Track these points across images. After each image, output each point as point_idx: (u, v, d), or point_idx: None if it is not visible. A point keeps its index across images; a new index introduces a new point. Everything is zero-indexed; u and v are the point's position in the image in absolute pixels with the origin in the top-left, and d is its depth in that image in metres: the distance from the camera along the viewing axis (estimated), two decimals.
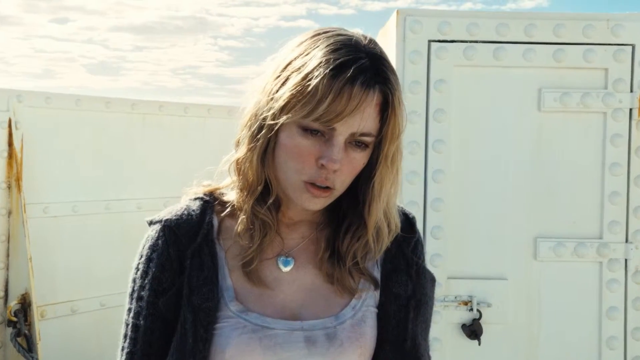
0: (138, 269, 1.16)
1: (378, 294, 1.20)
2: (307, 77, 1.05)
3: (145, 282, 1.14)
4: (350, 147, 1.09)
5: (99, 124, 3.82)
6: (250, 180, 1.14)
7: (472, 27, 2.46)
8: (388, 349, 1.18)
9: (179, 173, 3.85)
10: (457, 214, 2.51)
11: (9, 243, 3.46)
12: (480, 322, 2.48)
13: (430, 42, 2.47)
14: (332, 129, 1.06)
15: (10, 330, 3.33)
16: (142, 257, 1.17)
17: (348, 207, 1.19)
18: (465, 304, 2.50)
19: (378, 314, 1.19)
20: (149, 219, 1.20)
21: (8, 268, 3.45)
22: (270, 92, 1.09)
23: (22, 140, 3.47)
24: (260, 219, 1.15)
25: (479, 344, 2.48)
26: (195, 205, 1.19)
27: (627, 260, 2.50)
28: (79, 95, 3.80)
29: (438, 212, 2.49)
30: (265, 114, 1.09)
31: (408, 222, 1.26)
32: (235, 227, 1.16)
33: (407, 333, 1.18)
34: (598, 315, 2.50)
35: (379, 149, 1.12)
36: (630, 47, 2.47)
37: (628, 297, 2.50)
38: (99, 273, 3.79)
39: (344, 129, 1.06)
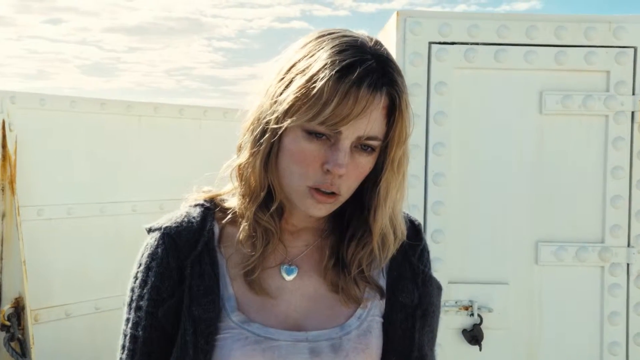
0: (137, 278, 1.12)
1: (383, 303, 1.17)
2: (312, 79, 1.01)
3: (144, 291, 1.10)
4: (356, 151, 1.05)
5: (94, 126, 3.79)
6: (253, 186, 1.10)
7: (472, 28, 2.44)
8: None
9: (175, 175, 3.85)
10: (457, 218, 2.48)
11: (2, 246, 3.41)
12: (481, 327, 2.46)
13: (431, 44, 2.45)
14: (337, 133, 1.02)
15: (4, 335, 3.29)
16: (140, 265, 1.13)
17: (353, 213, 1.15)
18: (466, 309, 2.47)
19: (384, 324, 1.16)
20: (148, 226, 1.16)
21: (1, 271, 3.40)
22: (274, 95, 1.06)
23: (15, 142, 3.43)
24: (263, 226, 1.11)
25: (480, 350, 2.45)
26: (196, 212, 1.16)
27: (629, 265, 2.48)
28: (74, 97, 3.76)
29: (438, 215, 2.47)
30: (269, 118, 1.06)
31: (414, 229, 1.23)
32: (237, 234, 1.13)
33: (413, 343, 1.15)
34: (600, 320, 2.48)
35: (385, 154, 1.08)
36: (632, 49, 2.45)
37: (630, 302, 2.47)
38: (94, 276, 3.76)
39: (350, 133, 1.03)
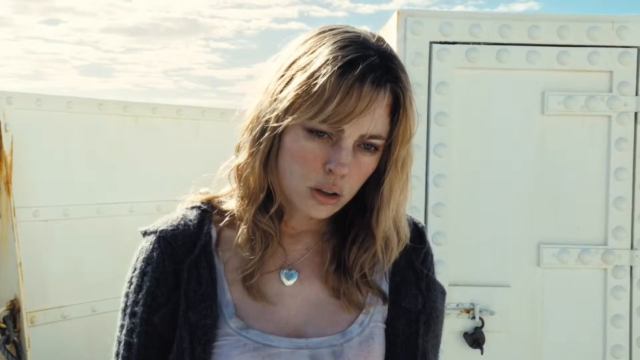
0: (131, 283, 1.09)
1: (386, 309, 1.14)
2: (313, 75, 0.98)
3: (139, 297, 1.07)
4: (359, 150, 1.02)
5: (91, 127, 3.77)
6: (252, 188, 1.06)
7: (474, 28, 2.41)
8: None
9: (172, 176, 3.84)
10: (458, 219, 2.45)
11: None
12: (483, 330, 2.43)
13: (432, 43, 2.42)
14: (340, 131, 0.99)
15: None
16: (135, 270, 1.10)
17: (355, 216, 1.12)
18: (468, 312, 2.45)
19: (386, 330, 1.13)
20: (143, 229, 1.12)
21: None
22: (274, 92, 1.02)
23: (11, 143, 3.41)
24: (262, 229, 1.08)
25: (482, 353, 2.42)
26: (192, 215, 1.12)
27: (632, 267, 2.45)
28: (70, 97, 3.74)
29: (439, 217, 2.44)
30: (268, 116, 1.02)
31: (417, 232, 1.20)
32: (235, 238, 1.09)
33: (417, 349, 1.12)
34: (603, 323, 2.45)
35: (389, 153, 1.05)
36: (636, 49, 2.42)
37: (633, 304, 2.45)
38: (90, 278, 3.73)
39: (353, 131, 0.99)
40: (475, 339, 2.43)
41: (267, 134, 1.03)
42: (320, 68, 0.98)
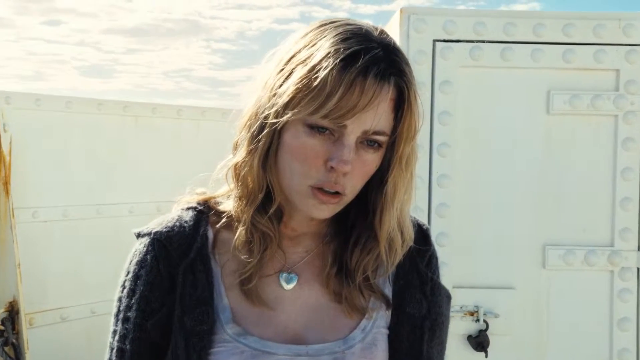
0: (124, 287, 1.05)
1: (389, 314, 1.09)
2: (314, 68, 0.94)
3: (132, 301, 1.03)
4: (362, 147, 0.98)
5: (90, 127, 3.76)
6: (250, 187, 1.02)
7: (478, 26, 2.37)
8: None
9: (173, 177, 3.80)
10: (462, 220, 2.41)
11: None
12: (487, 333, 2.39)
13: (435, 41, 2.38)
14: (342, 127, 0.95)
15: None
16: (128, 273, 1.06)
17: (357, 217, 1.08)
18: (472, 315, 2.41)
19: (389, 336, 1.08)
20: (137, 231, 1.08)
21: None
22: (273, 87, 0.98)
23: (10, 143, 3.40)
24: (261, 231, 1.04)
25: (486, 356, 2.38)
26: (188, 216, 1.08)
27: (639, 269, 2.41)
28: (70, 97, 3.73)
29: (443, 218, 2.40)
30: (267, 112, 0.98)
31: (422, 233, 1.16)
32: (233, 240, 1.05)
33: (421, 356, 1.08)
34: (609, 326, 2.42)
35: (392, 151, 1.01)
36: None
37: None
38: (90, 279, 3.71)
39: (356, 127, 0.95)
40: (480, 342, 2.39)
41: (266, 131, 0.99)
42: (322, 61, 0.94)
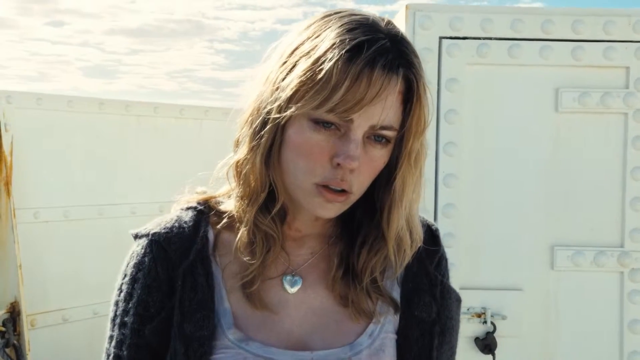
0: (121, 291, 1.01)
1: (398, 318, 1.05)
2: (318, 60, 0.89)
3: (130, 306, 0.99)
4: (369, 142, 0.94)
5: (92, 126, 3.74)
6: (252, 186, 0.98)
7: (485, 23, 2.33)
8: None
9: (175, 177, 3.71)
10: (469, 221, 2.37)
11: None
12: (495, 335, 2.35)
13: (442, 38, 2.34)
14: (348, 121, 0.91)
15: None
16: (125, 276, 1.02)
17: (363, 216, 1.03)
18: (479, 316, 2.37)
19: (398, 341, 1.04)
20: (134, 232, 1.04)
21: None
22: (275, 81, 0.94)
23: (11, 143, 3.38)
24: (263, 232, 0.99)
25: (494, 359, 2.34)
26: (188, 216, 1.04)
27: None
28: (71, 97, 3.71)
29: (449, 218, 2.36)
30: (270, 107, 0.94)
31: (431, 234, 1.11)
32: (235, 241, 1.01)
33: None
34: (619, 329, 2.37)
35: (400, 146, 0.97)
36: None
37: None
38: (92, 280, 3.68)
39: (363, 121, 0.91)
40: (487, 345, 2.36)
41: (268, 127, 0.94)
42: (326, 52, 0.89)
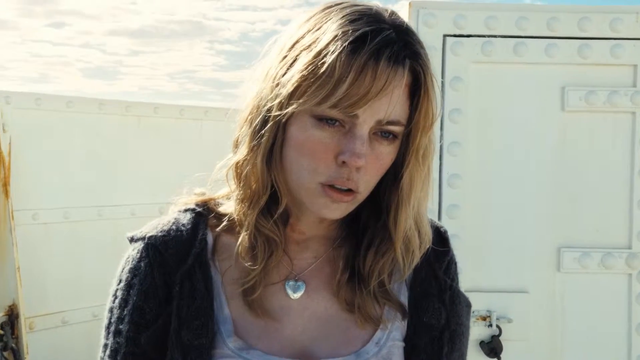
0: (116, 297, 0.97)
1: (405, 325, 1.01)
2: (320, 53, 0.85)
3: (125, 313, 0.94)
4: (376, 139, 0.90)
5: (92, 127, 3.73)
6: (254, 188, 0.94)
7: (490, 20, 2.30)
8: None
9: (175, 178, 3.68)
10: (474, 222, 2.34)
11: None
12: (500, 338, 2.32)
13: (446, 36, 2.31)
14: (353, 117, 0.87)
15: None
16: (120, 282, 0.97)
17: (369, 217, 0.99)
18: (484, 319, 2.34)
19: (405, 349, 1.00)
20: (130, 235, 1.00)
21: None
22: (275, 77, 0.90)
23: (10, 144, 3.37)
24: (265, 235, 0.95)
25: None
26: (186, 219, 1.00)
27: None
28: (71, 97, 3.69)
29: (454, 219, 2.32)
30: (270, 104, 0.89)
31: (440, 237, 1.07)
32: (236, 245, 0.96)
33: None
34: (627, 332, 2.34)
35: (408, 142, 0.93)
36: None
37: None
38: (91, 282, 3.66)
39: (368, 116, 0.87)
40: (492, 348, 2.33)
41: (269, 125, 0.90)
42: (329, 45, 0.85)
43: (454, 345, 1.02)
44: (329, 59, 0.84)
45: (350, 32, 0.85)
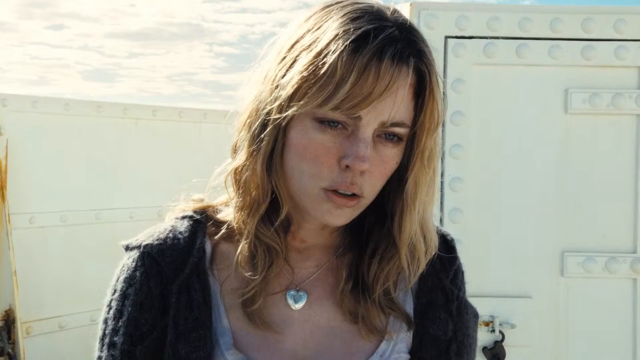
0: (110, 308, 0.93)
1: (411, 336, 0.97)
2: (321, 53, 0.82)
3: (119, 324, 0.91)
4: (380, 141, 0.86)
5: (89, 130, 3.71)
6: (253, 194, 0.90)
7: (492, 21, 2.27)
8: None
9: (174, 181, 3.67)
10: (476, 226, 2.30)
11: None
12: (503, 344, 2.29)
13: (447, 38, 2.28)
14: (356, 119, 0.83)
15: None
16: (115, 292, 0.94)
17: (373, 224, 0.96)
18: (487, 325, 2.30)
19: None
20: (125, 243, 0.96)
21: None
22: (275, 78, 0.86)
23: (6, 147, 3.35)
24: (265, 244, 0.92)
25: None
26: (183, 226, 0.96)
27: None
28: (68, 99, 3.67)
29: (456, 223, 2.29)
30: (270, 107, 0.86)
31: (446, 245, 1.04)
32: (235, 254, 0.93)
33: None
34: (632, 337, 2.30)
35: (412, 145, 0.89)
36: None
37: None
38: (89, 287, 3.61)
39: (372, 118, 0.83)
40: (495, 354, 2.29)
41: (269, 129, 0.87)
42: (329, 44, 0.82)
43: (462, 358, 0.98)
44: (330, 59, 0.81)
45: (352, 30, 0.82)
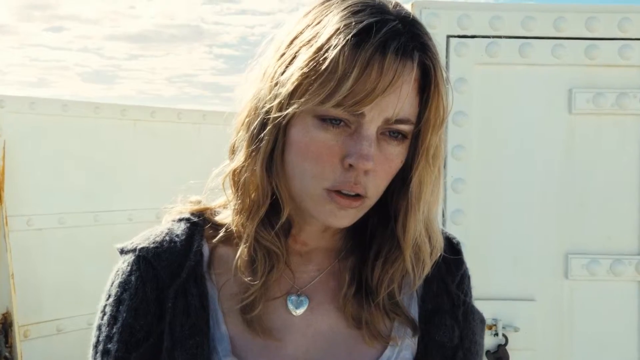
0: (104, 313, 0.90)
1: (416, 342, 0.94)
2: (321, 48, 0.79)
3: (114, 331, 0.87)
4: (384, 139, 0.83)
5: (88, 131, 3.68)
6: (253, 197, 0.87)
7: (495, 20, 2.25)
8: None
9: (173, 183, 3.64)
10: (479, 228, 2.28)
11: None
12: (507, 348, 2.26)
13: (449, 37, 2.26)
14: (359, 116, 0.80)
15: None
16: (109, 297, 0.91)
17: (377, 225, 0.93)
18: (490, 328, 2.27)
19: None
20: (120, 246, 0.93)
21: None
22: (274, 76, 0.83)
23: (4, 148, 3.34)
24: (265, 248, 0.88)
25: None
26: (180, 229, 0.93)
27: None
28: (66, 101, 3.65)
29: (458, 225, 2.27)
30: (269, 105, 0.83)
31: (452, 248, 1.01)
32: (235, 258, 0.90)
33: None
34: (637, 341, 2.28)
35: (417, 143, 0.86)
36: None
37: None
38: (87, 289, 3.57)
39: (376, 115, 0.80)
40: (499, 358, 2.27)
41: (268, 128, 0.84)
42: (330, 39, 0.79)
43: None
44: (331, 54, 0.78)
45: (353, 24, 0.79)
